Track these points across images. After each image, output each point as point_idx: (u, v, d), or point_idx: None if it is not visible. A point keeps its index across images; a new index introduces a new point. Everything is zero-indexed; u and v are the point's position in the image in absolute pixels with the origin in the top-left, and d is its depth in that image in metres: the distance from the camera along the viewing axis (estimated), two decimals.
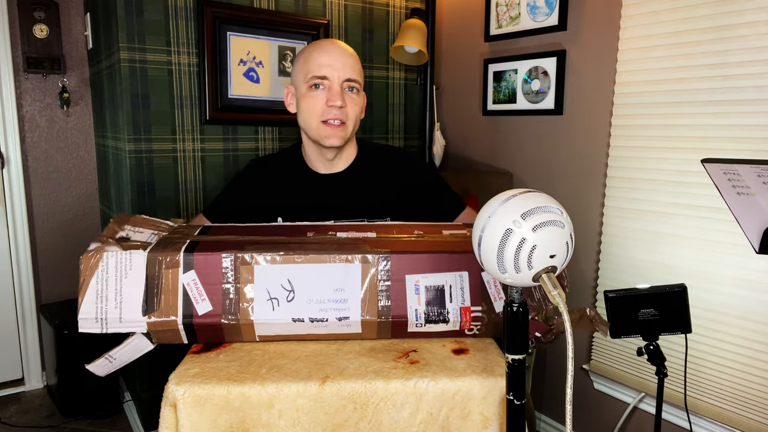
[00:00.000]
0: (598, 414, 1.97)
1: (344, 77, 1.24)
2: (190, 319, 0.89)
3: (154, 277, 0.89)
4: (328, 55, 1.24)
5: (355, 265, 0.91)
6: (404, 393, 0.81)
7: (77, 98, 2.56)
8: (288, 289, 0.91)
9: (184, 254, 0.90)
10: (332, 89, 1.24)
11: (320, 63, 1.24)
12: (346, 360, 0.87)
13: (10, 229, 2.48)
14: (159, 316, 0.89)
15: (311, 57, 1.25)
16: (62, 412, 2.36)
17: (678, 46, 1.61)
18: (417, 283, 0.92)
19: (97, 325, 0.88)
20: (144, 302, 0.89)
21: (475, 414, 0.83)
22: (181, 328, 0.90)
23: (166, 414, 0.81)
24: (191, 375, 0.82)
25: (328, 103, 1.24)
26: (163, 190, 1.99)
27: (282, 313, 0.90)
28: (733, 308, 1.55)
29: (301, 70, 1.27)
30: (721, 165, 0.85)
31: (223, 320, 0.90)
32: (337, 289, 0.91)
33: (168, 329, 0.89)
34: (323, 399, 0.80)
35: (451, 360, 0.88)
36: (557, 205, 0.70)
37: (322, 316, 0.91)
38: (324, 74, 1.23)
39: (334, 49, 1.26)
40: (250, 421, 0.79)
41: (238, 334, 0.93)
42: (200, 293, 0.90)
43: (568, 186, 2.00)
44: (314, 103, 1.25)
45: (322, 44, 1.28)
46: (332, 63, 1.24)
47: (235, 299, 0.90)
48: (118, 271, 0.89)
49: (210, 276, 0.90)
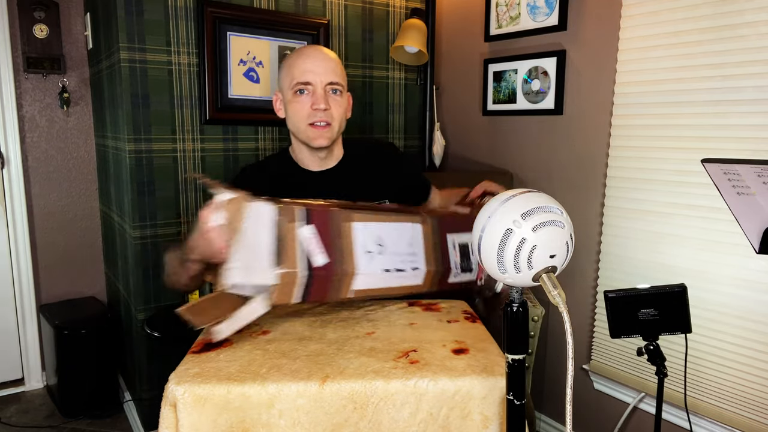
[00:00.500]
0: (598, 414, 1.97)
1: (326, 81, 1.30)
2: (310, 272, 0.96)
3: (282, 230, 0.96)
4: (311, 60, 1.30)
5: (418, 226, 1.11)
6: (404, 393, 0.81)
7: (77, 98, 2.56)
8: (380, 244, 1.06)
9: (304, 210, 0.99)
10: (316, 93, 1.30)
11: (303, 69, 1.30)
12: (346, 360, 0.87)
13: (10, 229, 2.48)
14: (287, 268, 0.94)
15: (295, 64, 1.31)
16: (62, 412, 2.36)
17: (678, 46, 1.61)
18: (454, 241, 1.14)
19: (244, 274, 0.92)
20: (276, 254, 0.94)
21: (475, 414, 0.83)
22: (301, 281, 0.96)
23: (166, 414, 0.81)
24: (191, 375, 0.82)
25: (312, 106, 1.30)
26: (163, 190, 1.99)
27: (377, 264, 1.04)
28: (733, 308, 1.55)
29: (286, 76, 1.33)
30: (721, 165, 0.85)
31: (334, 273, 0.98)
32: (410, 244, 1.09)
33: (290, 282, 0.94)
34: (323, 399, 0.80)
35: (451, 360, 0.88)
36: (557, 205, 0.70)
37: (403, 267, 1.06)
38: (307, 80, 1.29)
39: (317, 55, 1.32)
40: (250, 420, 0.79)
41: (338, 290, 1.01)
42: (319, 246, 0.99)
43: (568, 186, 2.00)
44: (300, 107, 1.31)
45: (305, 50, 1.35)
46: (314, 68, 1.30)
47: (341, 254, 1.00)
48: (254, 221, 0.94)
49: (322, 232, 1.00)
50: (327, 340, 0.95)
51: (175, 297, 2.07)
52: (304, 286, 0.97)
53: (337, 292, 1.02)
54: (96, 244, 2.70)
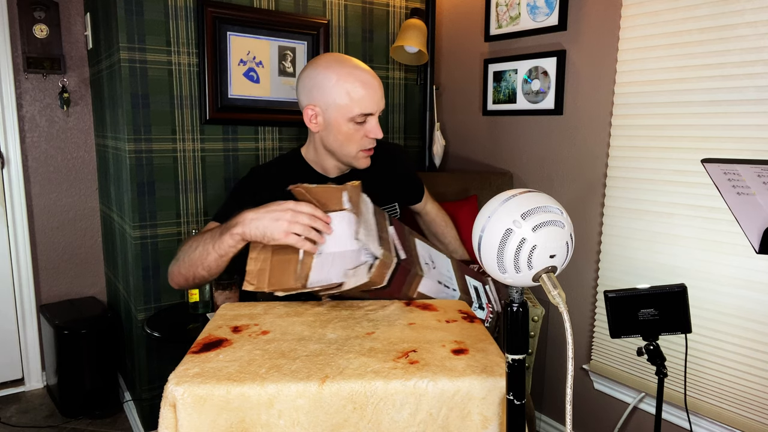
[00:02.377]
0: (598, 414, 1.97)
1: (381, 108, 1.33)
2: (398, 261, 1.07)
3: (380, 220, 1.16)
4: (372, 91, 1.29)
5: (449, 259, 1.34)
6: (404, 393, 0.81)
7: (77, 98, 2.56)
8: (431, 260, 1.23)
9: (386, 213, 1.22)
10: (372, 122, 1.31)
11: (368, 101, 1.28)
12: (346, 360, 0.87)
13: (10, 229, 2.48)
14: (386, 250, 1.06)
15: (355, 91, 1.26)
16: (62, 412, 2.36)
17: (678, 46, 1.61)
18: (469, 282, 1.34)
19: (366, 242, 1.04)
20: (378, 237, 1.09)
21: (474, 414, 0.82)
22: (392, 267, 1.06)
23: (166, 414, 0.80)
24: (191, 375, 0.82)
25: (369, 135, 1.31)
26: (163, 190, 1.99)
27: (433, 275, 1.19)
28: (733, 308, 1.55)
29: (339, 98, 1.27)
30: (721, 165, 0.85)
31: (410, 270, 1.11)
32: (447, 269, 1.28)
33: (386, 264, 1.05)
34: (323, 399, 0.80)
35: (451, 360, 0.88)
36: (557, 205, 0.70)
37: (448, 285, 1.22)
38: (371, 111, 1.29)
39: (375, 84, 1.30)
40: (250, 421, 0.79)
41: (410, 286, 1.13)
42: (399, 244, 1.15)
43: (568, 186, 2.00)
44: (358, 135, 1.31)
45: (362, 77, 1.28)
46: (376, 98, 1.30)
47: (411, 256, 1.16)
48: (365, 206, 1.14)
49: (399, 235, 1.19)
50: (326, 340, 0.95)
51: (175, 297, 2.08)
52: (391, 272, 1.06)
53: (408, 288, 1.13)
54: (96, 244, 2.70)
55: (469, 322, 1.04)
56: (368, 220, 1.11)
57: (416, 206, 1.66)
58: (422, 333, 0.98)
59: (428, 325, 1.02)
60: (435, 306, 1.12)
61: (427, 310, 1.10)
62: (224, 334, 0.97)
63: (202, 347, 0.93)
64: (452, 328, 1.01)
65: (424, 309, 1.10)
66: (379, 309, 1.10)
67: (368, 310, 1.09)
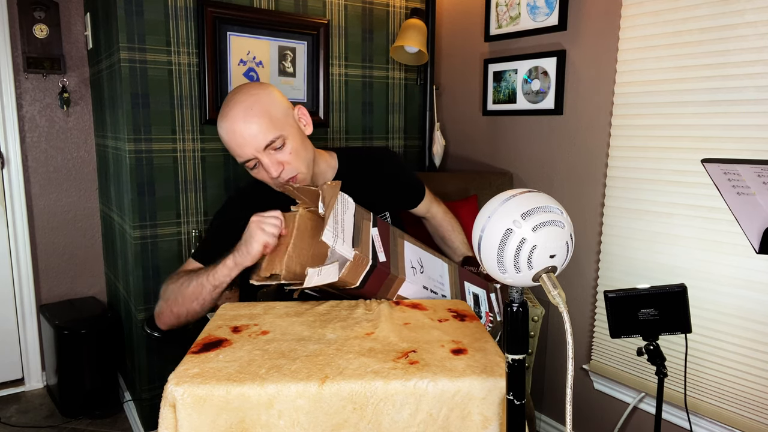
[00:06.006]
0: (598, 414, 1.97)
1: (262, 147, 1.21)
2: (374, 263, 1.09)
3: (358, 220, 1.17)
4: (237, 136, 1.21)
5: (446, 264, 1.34)
6: (404, 393, 0.81)
7: (77, 98, 2.56)
8: (420, 264, 1.23)
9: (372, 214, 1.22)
10: (263, 163, 1.23)
11: (235, 150, 1.24)
12: (346, 360, 0.87)
13: (10, 229, 2.48)
14: (360, 252, 1.08)
15: (226, 142, 1.24)
16: (62, 412, 2.36)
17: (678, 46, 1.61)
18: (469, 288, 1.34)
19: (335, 238, 1.07)
20: (353, 237, 1.11)
21: (475, 414, 0.82)
22: (367, 268, 1.09)
23: (166, 414, 0.80)
24: (190, 375, 0.82)
25: (270, 177, 1.25)
26: (163, 190, 1.99)
27: (419, 279, 1.18)
28: (733, 308, 1.55)
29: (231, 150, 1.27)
30: (721, 165, 0.85)
31: (390, 273, 1.12)
32: (440, 275, 1.27)
33: (360, 264, 1.07)
34: (323, 399, 0.80)
35: (451, 360, 0.88)
36: (557, 205, 0.70)
37: (435, 290, 1.22)
38: (247, 157, 1.23)
39: (238, 130, 1.20)
40: (250, 421, 0.79)
41: (389, 289, 1.14)
42: (380, 246, 1.16)
43: (568, 186, 2.00)
44: (263, 177, 1.28)
45: (228, 126, 1.22)
46: (243, 143, 1.21)
47: (395, 260, 1.17)
48: (343, 206, 1.16)
49: (383, 237, 1.20)
50: (326, 340, 0.95)
51: None
52: (365, 273, 1.08)
53: (386, 290, 1.14)
54: (96, 244, 2.70)
55: (460, 321, 1.04)
56: (344, 221, 1.13)
57: (418, 209, 1.61)
58: (419, 333, 0.98)
59: (422, 324, 1.02)
60: (424, 305, 1.11)
61: (417, 309, 1.09)
62: (224, 335, 0.97)
63: (201, 347, 0.92)
64: (446, 327, 1.01)
65: (413, 308, 1.10)
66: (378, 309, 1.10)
67: (367, 310, 1.09)
